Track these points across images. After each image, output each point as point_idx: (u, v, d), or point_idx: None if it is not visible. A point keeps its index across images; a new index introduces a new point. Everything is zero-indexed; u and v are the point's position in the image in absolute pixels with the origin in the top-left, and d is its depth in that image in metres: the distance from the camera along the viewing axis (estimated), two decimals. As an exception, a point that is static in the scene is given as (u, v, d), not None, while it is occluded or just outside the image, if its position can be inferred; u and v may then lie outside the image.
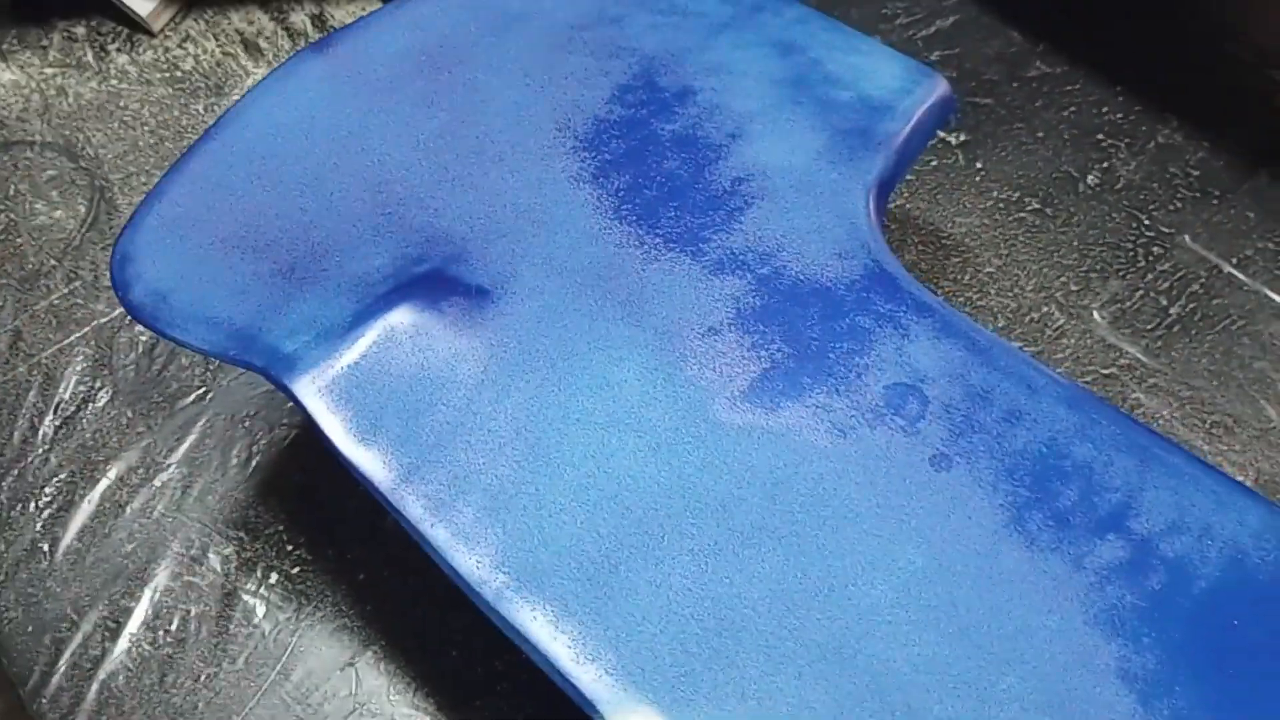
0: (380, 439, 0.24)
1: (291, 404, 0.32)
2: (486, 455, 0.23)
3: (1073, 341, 0.32)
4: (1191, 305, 0.32)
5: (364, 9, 0.41)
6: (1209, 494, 0.22)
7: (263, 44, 0.41)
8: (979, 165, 0.36)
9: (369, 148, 0.29)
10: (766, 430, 0.23)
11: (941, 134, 0.36)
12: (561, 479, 0.23)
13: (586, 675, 0.21)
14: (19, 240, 0.36)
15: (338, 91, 0.30)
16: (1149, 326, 0.32)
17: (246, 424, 0.32)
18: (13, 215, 0.37)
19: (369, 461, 0.23)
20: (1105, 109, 0.36)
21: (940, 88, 0.29)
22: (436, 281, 0.26)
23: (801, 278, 0.25)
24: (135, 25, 0.41)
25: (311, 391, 0.24)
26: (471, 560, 0.22)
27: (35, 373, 0.33)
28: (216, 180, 0.28)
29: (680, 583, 0.22)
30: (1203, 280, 0.33)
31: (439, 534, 0.22)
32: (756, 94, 0.29)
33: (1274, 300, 0.32)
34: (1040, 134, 0.36)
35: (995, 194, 0.35)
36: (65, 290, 0.35)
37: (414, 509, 0.23)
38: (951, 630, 0.21)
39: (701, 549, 0.22)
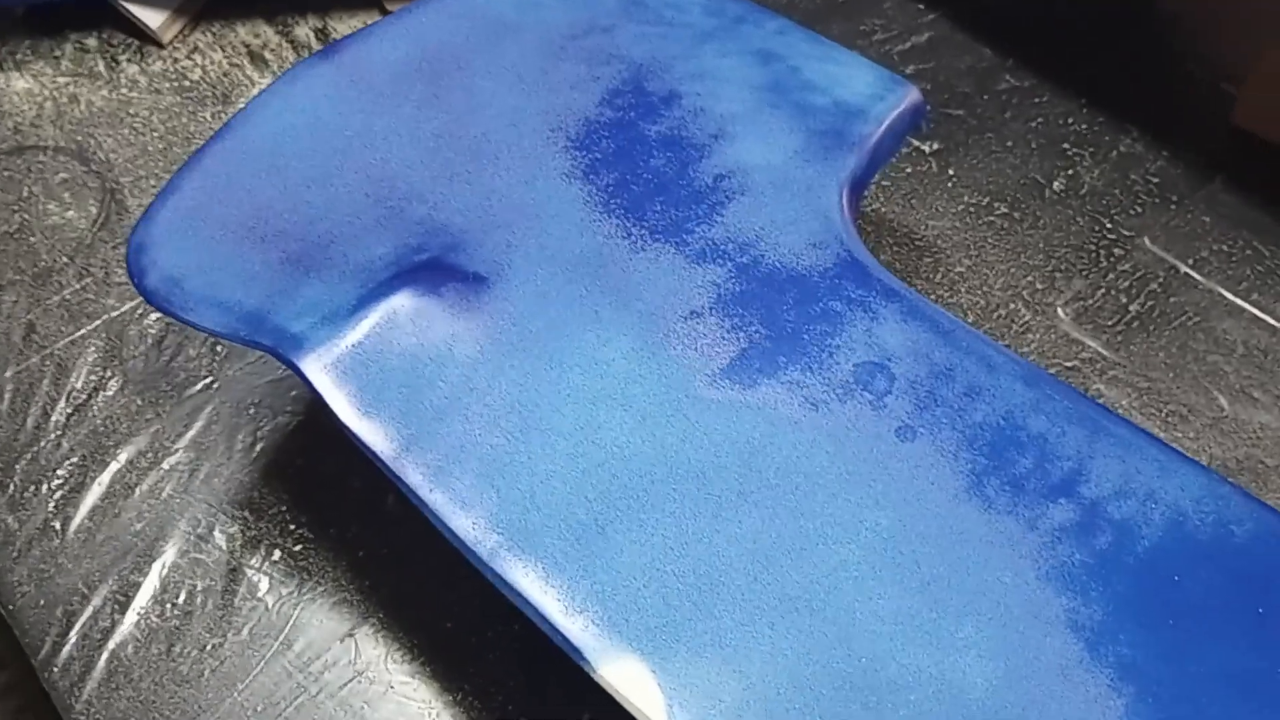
0: (382, 412, 0.25)
1: (294, 392, 0.33)
2: (482, 427, 0.25)
3: (1038, 336, 0.34)
4: (1150, 303, 0.34)
5: (365, 23, 0.43)
6: (1154, 462, 0.23)
7: (268, 55, 0.42)
8: (951, 172, 0.37)
9: (372, 147, 0.30)
10: (744, 404, 0.25)
11: (916, 142, 0.38)
12: (553, 448, 0.24)
13: (575, 626, 0.22)
14: (32, 239, 0.38)
15: (342, 95, 0.31)
16: (1110, 323, 0.34)
17: (251, 411, 0.33)
18: (26, 215, 0.38)
19: (372, 433, 0.25)
20: (1070, 120, 0.38)
21: (911, 95, 0.31)
22: (436, 269, 0.27)
23: (778, 266, 0.27)
24: (145, 37, 0.43)
25: (318, 369, 0.26)
26: (468, 522, 0.24)
27: (48, 363, 0.35)
28: (227, 176, 0.30)
29: (662, 542, 0.23)
30: (1161, 280, 0.34)
31: (438, 499, 0.24)
32: (738, 98, 0.30)
33: (1227, 298, 0.34)
34: (1009, 143, 0.38)
35: (966, 199, 0.37)
36: (77, 286, 0.36)
37: (414, 477, 0.24)
38: (914, 585, 0.22)
39: (682, 512, 0.23)
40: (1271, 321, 0.33)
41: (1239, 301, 0.34)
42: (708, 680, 0.21)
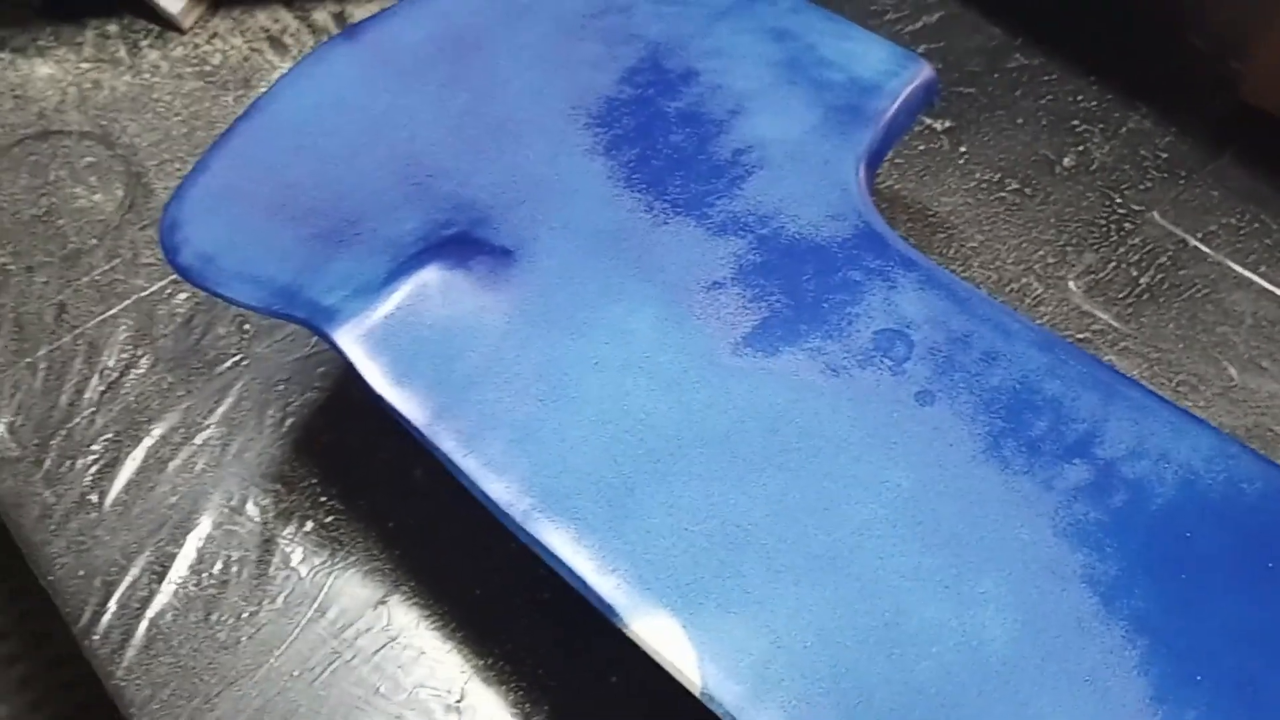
0: (415, 382, 0.26)
1: (321, 369, 0.34)
2: (512, 395, 0.26)
3: (1050, 309, 0.34)
4: (1160, 276, 0.35)
5: (382, 7, 0.44)
6: (1166, 424, 0.24)
7: (287, 40, 0.43)
8: (963, 149, 0.38)
9: (398, 125, 0.31)
10: (766, 371, 0.25)
11: (928, 120, 0.39)
12: (581, 415, 0.25)
13: (606, 584, 0.23)
14: (60, 222, 0.38)
15: (367, 75, 0.32)
16: (1121, 295, 0.34)
17: (280, 387, 0.34)
18: (54, 199, 0.39)
19: (405, 402, 0.26)
20: (1080, 97, 0.39)
21: (925, 71, 0.31)
22: (463, 243, 0.28)
23: (797, 237, 0.28)
24: (166, 23, 0.44)
25: (351, 340, 0.26)
26: (501, 486, 0.24)
27: (80, 342, 0.35)
28: (256, 155, 0.30)
29: (689, 504, 0.24)
30: (1170, 253, 0.35)
31: (471, 464, 0.25)
32: (755, 75, 0.31)
33: (1235, 271, 0.34)
34: (1020, 120, 0.39)
35: (978, 175, 0.37)
36: (106, 267, 0.37)
37: (447, 443, 0.25)
38: (934, 542, 0.23)
39: (708, 474, 0.24)
40: (1279, 292, 0.34)
41: (1247, 274, 0.34)
42: (736, 634, 0.22)
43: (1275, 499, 0.23)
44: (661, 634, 0.22)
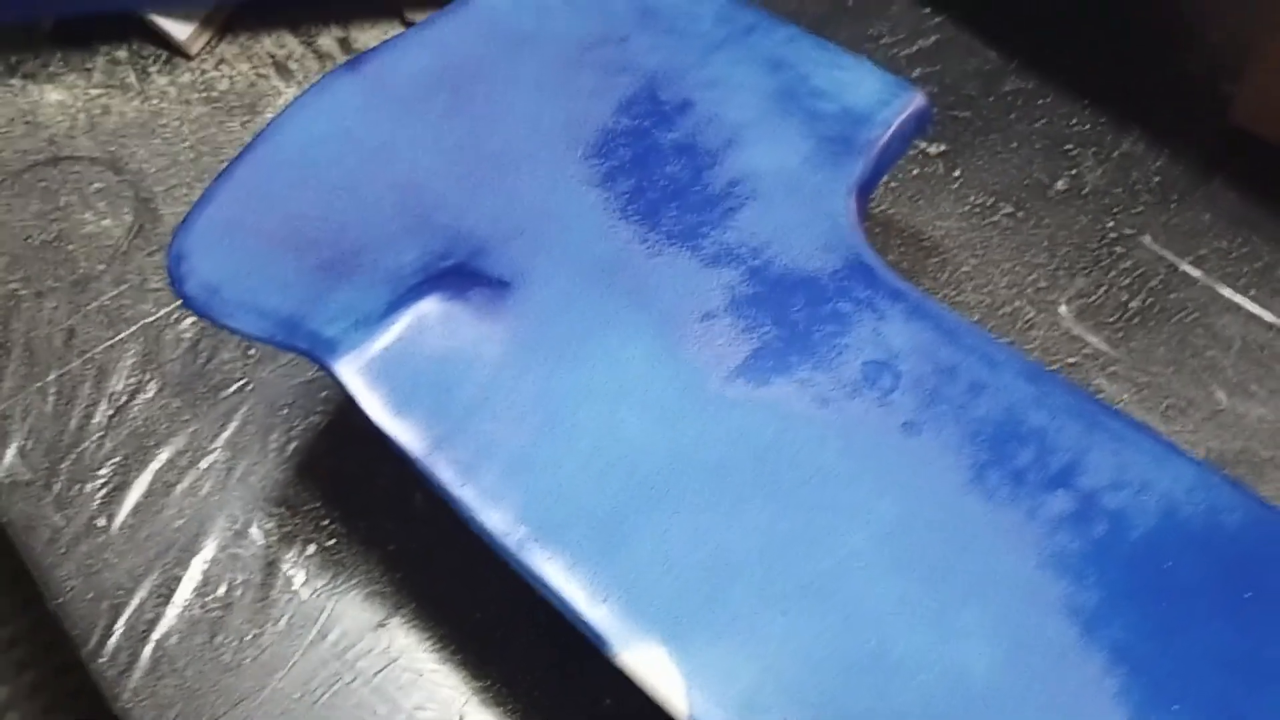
0: (413, 412, 0.26)
1: (324, 394, 0.35)
2: (508, 425, 0.26)
3: (1041, 333, 0.35)
4: (1150, 299, 0.35)
5: (386, 33, 0.44)
6: (1148, 454, 0.25)
7: (292, 66, 0.44)
8: (957, 173, 0.38)
9: (398, 156, 0.31)
10: (756, 402, 0.26)
11: (923, 144, 0.39)
12: (576, 445, 0.26)
13: (596, 614, 0.23)
14: (70, 247, 0.39)
15: (368, 106, 0.33)
16: (1111, 319, 0.35)
17: (284, 412, 0.35)
18: (63, 225, 0.40)
19: (403, 432, 0.26)
20: (1074, 121, 0.39)
21: (917, 99, 0.32)
22: (461, 274, 0.28)
23: (789, 268, 0.28)
24: (173, 49, 0.44)
25: (351, 371, 0.27)
26: (496, 517, 0.25)
27: (89, 367, 0.36)
28: (260, 187, 0.31)
29: (680, 534, 0.24)
30: (1161, 277, 0.35)
31: (467, 494, 0.25)
32: (749, 106, 0.32)
33: (1225, 295, 0.35)
34: (1014, 144, 0.39)
35: (972, 199, 0.38)
36: (114, 292, 0.38)
37: (444, 473, 0.26)
38: (919, 573, 0.24)
39: (699, 505, 0.25)
40: (1268, 317, 0.34)
41: (1237, 298, 0.35)
42: (724, 663, 0.23)
43: (1254, 529, 0.23)
44: (650, 663, 0.23)
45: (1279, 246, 0.36)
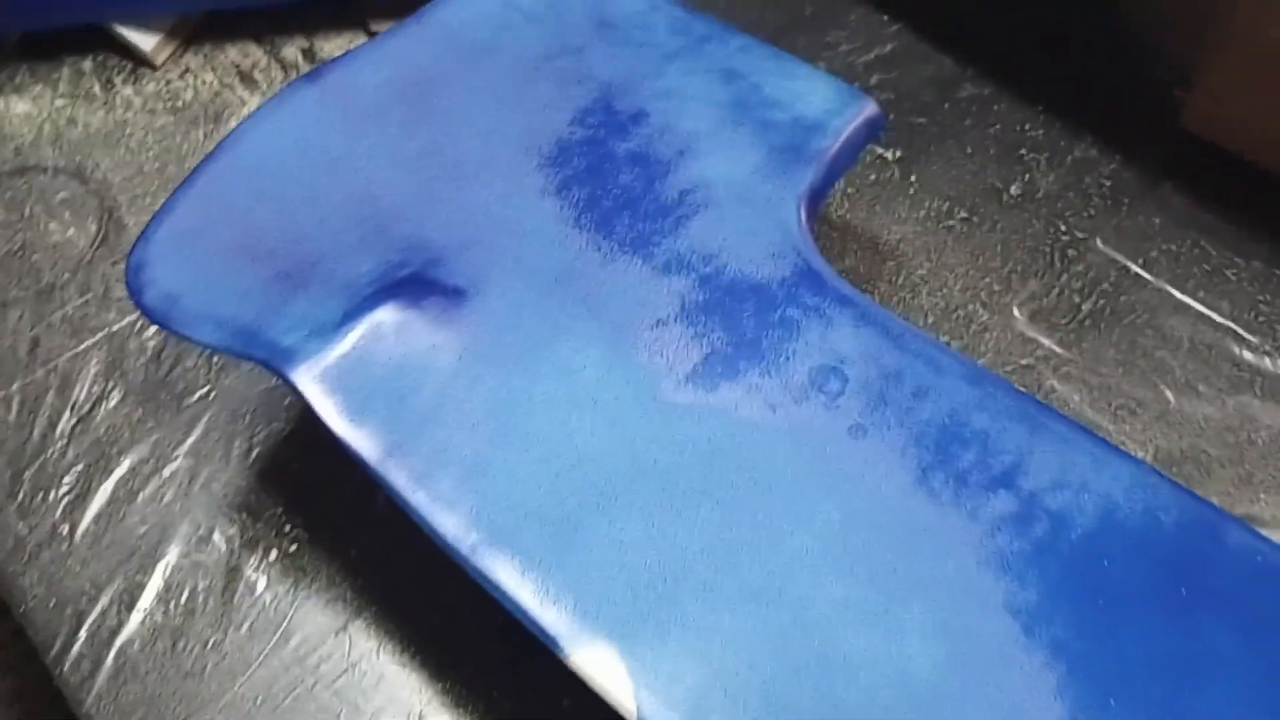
0: (369, 420, 0.27)
1: (287, 401, 0.35)
2: (462, 432, 0.26)
3: (995, 336, 0.35)
4: (1101, 302, 0.36)
5: (350, 42, 0.45)
6: (1088, 455, 0.25)
7: (257, 75, 0.44)
8: (913, 179, 0.39)
9: (356, 167, 0.32)
10: (707, 407, 0.26)
11: (880, 150, 0.40)
12: (528, 451, 0.26)
13: (549, 617, 0.24)
14: (35, 257, 0.39)
15: (327, 117, 0.33)
16: (1063, 321, 0.35)
17: (246, 420, 0.35)
18: (28, 234, 0.40)
19: (359, 439, 0.27)
20: (1027, 126, 0.40)
21: (869, 108, 0.32)
22: (417, 283, 0.29)
23: (739, 276, 0.29)
24: (138, 60, 0.45)
25: (308, 379, 0.27)
26: (450, 522, 0.25)
27: (53, 376, 0.36)
28: (219, 197, 0.31)
29: (631, 537, 0.25)
30: (1112, 279, 0.36)
31: (420, 499, 0.26)
32: (703, 116, 0.32)
33: (1175, 296, 0.35)
34: (969, 149, 0.40)
35: (928, 204, 0.38)
36: (79, 301, 0.38)
37: (399, 479, 0.26)
38: (864, 574, 0.24)
39: (649, 509, 0.25)
40: (1216, 318, 0.35)
41: (1186, 299, 0.35)
42: (672, 664, 0.23)
43: (1191, 528, 0.24)
44: (599, 664, 0.23)
45: (1227, 249, 0.36)
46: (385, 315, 0.28)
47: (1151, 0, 0.43)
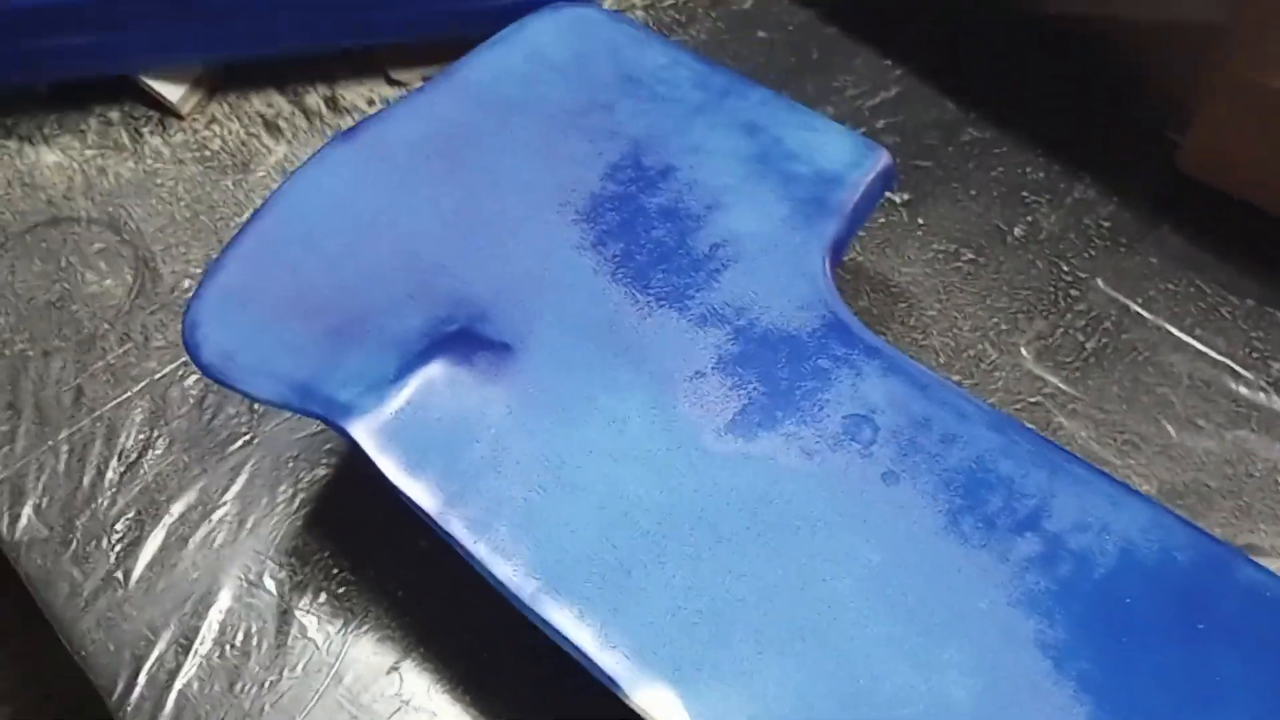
0: (427, 472, 0.28)
1: (328, 446, 0.36)
2: (516, 483, 0.28)
3: (1004, 374, 0.37)
4: (1104, 340, 0.37)
5: (372, 90, 0.46)
6: (1106, 497, 0.27)
7: (281, 124, 0.46)
8: (921, 221, 0.41)
9: (398, 223, 0.33)
10: (747, 456, 0.28)
11: (888, 194, 0.41)
12: (580, 501, 0.28)
13: (609, 660, 0.25)
14: (74, 307, 0.41)
15: (366, 175, 0.34)
16: (1068, 359, 0.37)
17: (290, 465, 0.36)
18: (66, 285, 0.41)
19: (418, 492, 0.28)
20: (1028, 169, 0.42)
21: (883, 160, 0.34)
22: (465, 338, 0.30)
23: (771, 328, 0.30)
24: (165, 109, 0.46)
25: (366, 434, 0.29)
26: (509, 570, 0.27)
27: (99, 425, 0.38)
28: (267, 255, 0.33)
29: (681, 582, 0.26)
30: (1113, 318, 0.38)
31: (481, 549, 0.27)
32: (728, 170, 0.34)
33: (1174, 334, 0.37)
34: (973, 191, 0.42)
35: (935, 246, 0.40)
36: (120, 351, 0.39)
37: (459, 530, 0.27)
38: (902, 613, 0.26)
39: (697, 554, 0.27)
40: (1213, 355, 0.37)
41: (1184, 337, 0.37)
42: (728, 703, 0.25)
43: (1204, 566, 0.26)
44: (661, 704, 0.25)
45: (1222, 288, 0.38)
46: (437, 370, 0.30)
47: (1142, 47, 0.45)
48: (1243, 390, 0.36)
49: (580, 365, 0.30)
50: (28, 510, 0.36)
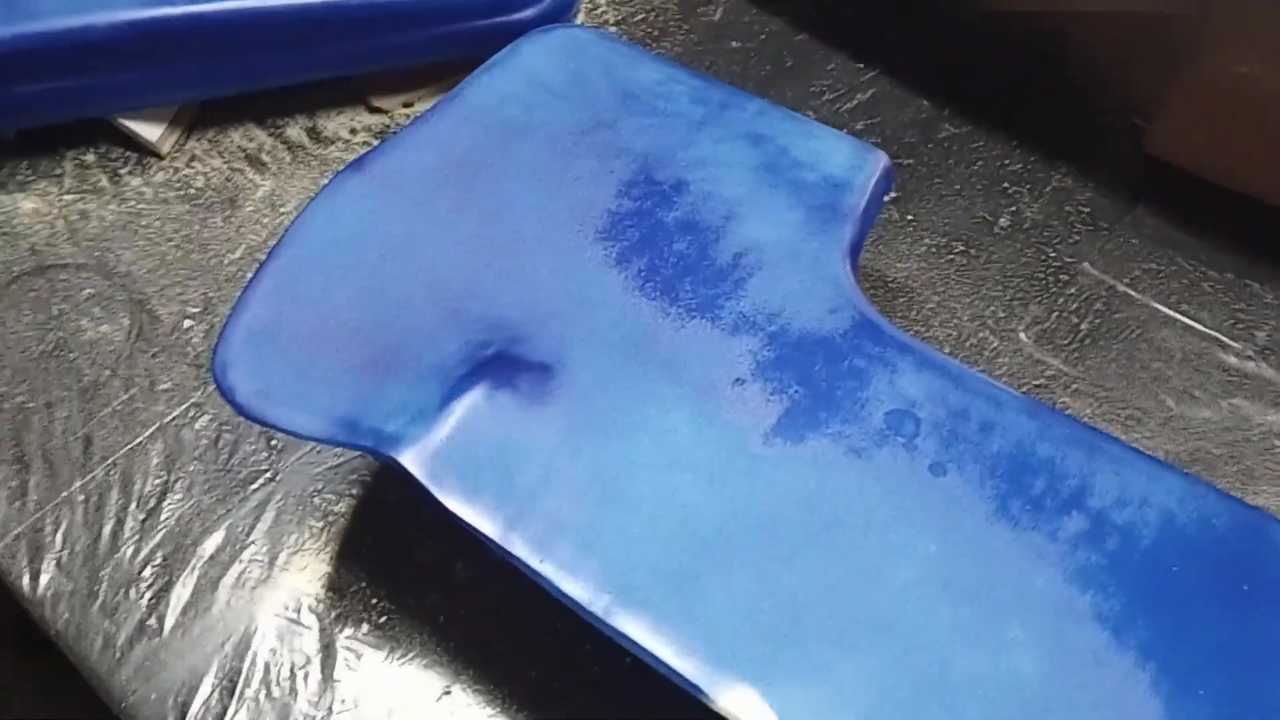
0: (482, 497, 0.28)
1: (352, 476, 0.36)
2: (572, 501, 0.28)
3: (1007, 360, 0.38)
4: (1097, 320, 0.39)
5: (353, 119, 0.46)
6: (1142, 473, 0.28)
7: (264, 157, 0.45)
8: (910, 217, 0.42)
9: (418, 251, 0.33)
10: (796, 457, 0.29)
11: (874, 193, 0.43)
12: (637, 513, 0.28)
13: (688, 666, 0.26)
14: (72, 355, 0.40)
15: (380, 205, 0.35)
16: (1066, 341, 0.39)
17: (314, 499, 0.36)
18: (61, 333, 0.41)
19: (477, 517, 0.28)
20: (1006, 160, 0.43)
21: (883, 162, 0.35)
22: (503, 362, 0.31)
23: (804, 331, 0.31)
24: (143, 149, 0.45)
25: (418, 463, 0.29)
26: (578, 587, 0.27)
27: (113, 473, 0.37)
28: (289, 292, 0.33)
29: (747, 585, 0.27)
30: (1104, 299, 0.39)
31: (548, 569, 0.27)
32: (739, 180, 0.34)
33: (1161, 311, 0.39)
34: (956, 186, 0.43)
35: (926, 241, 0.41)
36: (125, 396, 0.39)
37: (522, 551, 0.28)
38: (965, 598, 0.27)
39: (760, 557, 0.27)
40: (1200, 328, 0.38)
41: (1171, 312, 0.39)
42: (810, 699, 0.25)
43: (1240, 530, 0.27)
44: (746, 705, 0.25)
45: (1201, 263, 0.40)
46: (480, 395, 0.30)
47: (1101, 38, 0.47)
48: (1232, 360, 0.38)
49: (621, 380, 0.30)
50: (49, 566, 0.35)
